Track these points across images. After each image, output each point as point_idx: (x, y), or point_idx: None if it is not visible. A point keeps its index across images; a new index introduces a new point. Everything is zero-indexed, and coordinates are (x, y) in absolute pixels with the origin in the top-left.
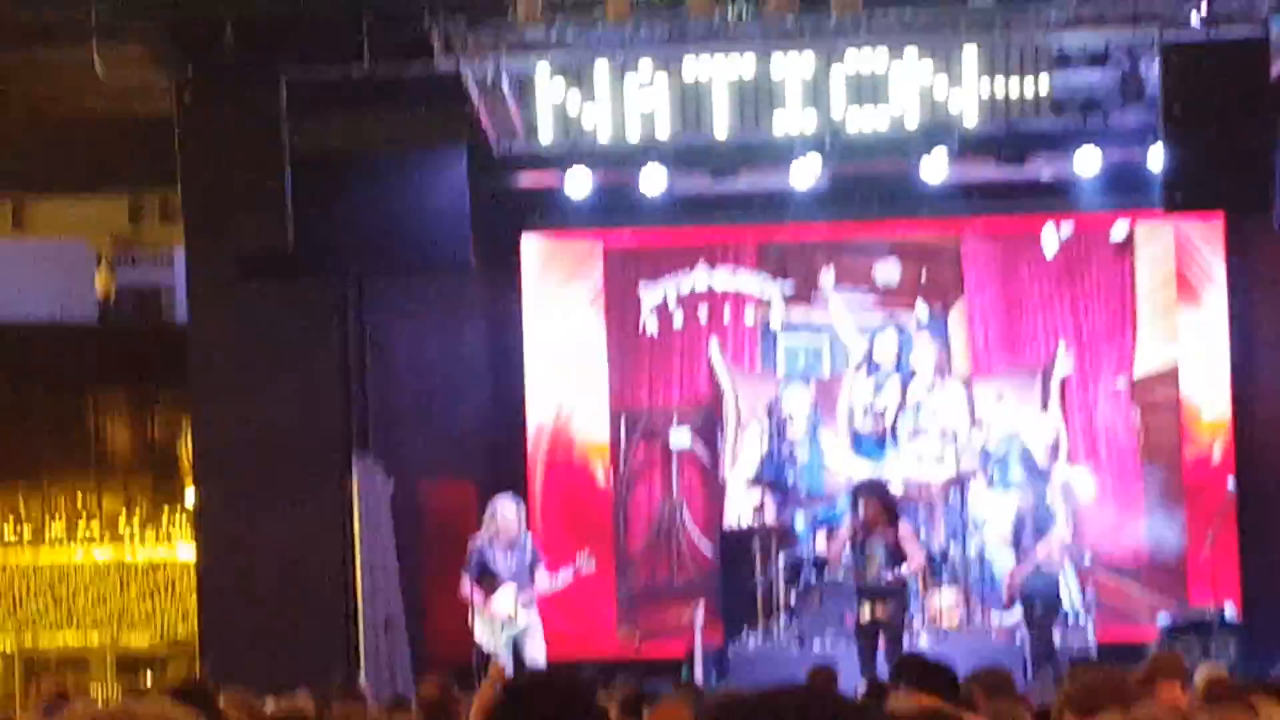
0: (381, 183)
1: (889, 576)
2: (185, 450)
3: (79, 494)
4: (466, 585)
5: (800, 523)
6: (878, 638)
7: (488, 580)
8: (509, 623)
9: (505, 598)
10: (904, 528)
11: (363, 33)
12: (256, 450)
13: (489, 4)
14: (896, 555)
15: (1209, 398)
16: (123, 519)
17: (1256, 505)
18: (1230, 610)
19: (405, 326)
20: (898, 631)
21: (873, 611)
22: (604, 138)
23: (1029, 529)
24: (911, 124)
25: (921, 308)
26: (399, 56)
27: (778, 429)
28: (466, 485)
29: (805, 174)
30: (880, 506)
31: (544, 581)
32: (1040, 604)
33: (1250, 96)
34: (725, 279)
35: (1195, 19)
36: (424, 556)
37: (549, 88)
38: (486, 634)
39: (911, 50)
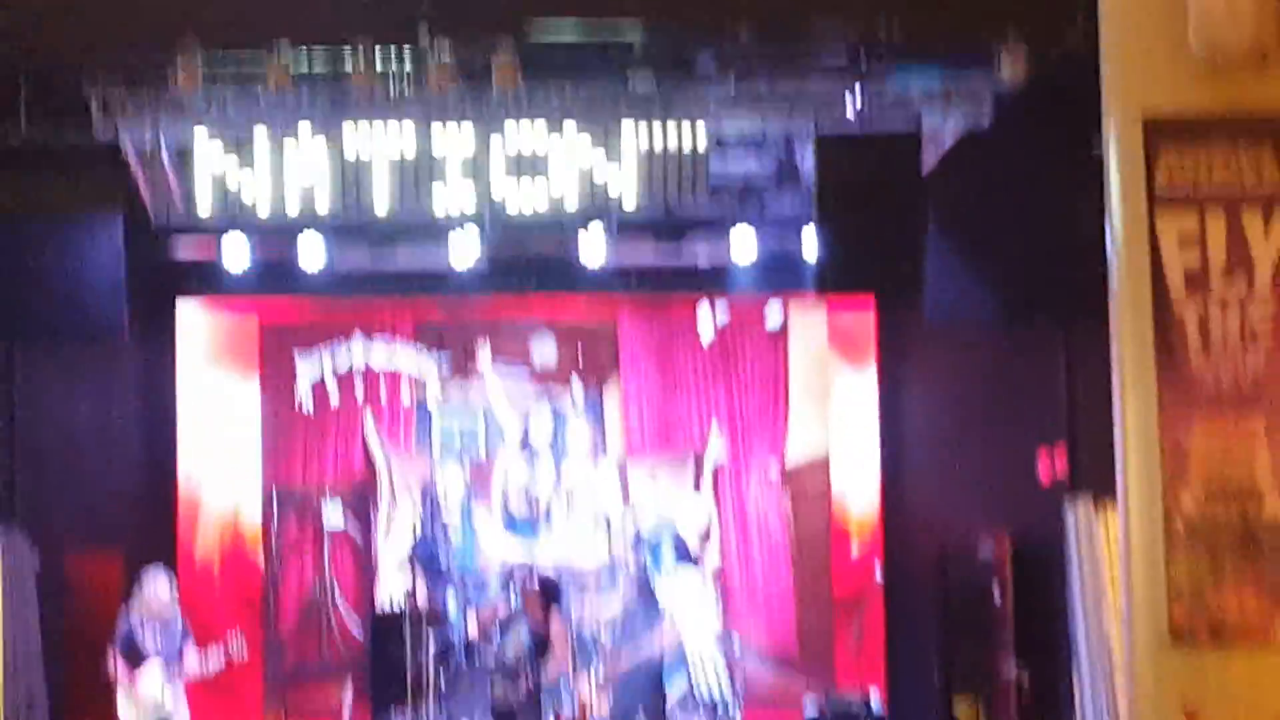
0: (34, 247)
1: (530, 658)
2: None
3: None
4: (113, 663)
5: (452, 604)
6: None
7: (135, 657)
8: (156, 706)
9: (153, 676)
10: (557, 624)
11: (19, 95)
12: None
13: (148, 71)
14: (542, 646)
15: (858, 485)
16: None
17: (902, 594)
18: (875, 698)
19: (55, 393)
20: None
21: (505, 693)
22: (263, 209)
23: (630, 627)
24: (571, 203)
25: (577, 388)
26: (56, 120)
27: (431, 508)
28: (115, 558)
29: (464, 250)
30: (540, 596)
31: (193, 661)
32: (645, 699)
33: (902, 187)
34: (382, 355)
35: (850, 112)
36: (69, 632)
37: (207, 156)
38: (131, 713)
39: (571, 127)
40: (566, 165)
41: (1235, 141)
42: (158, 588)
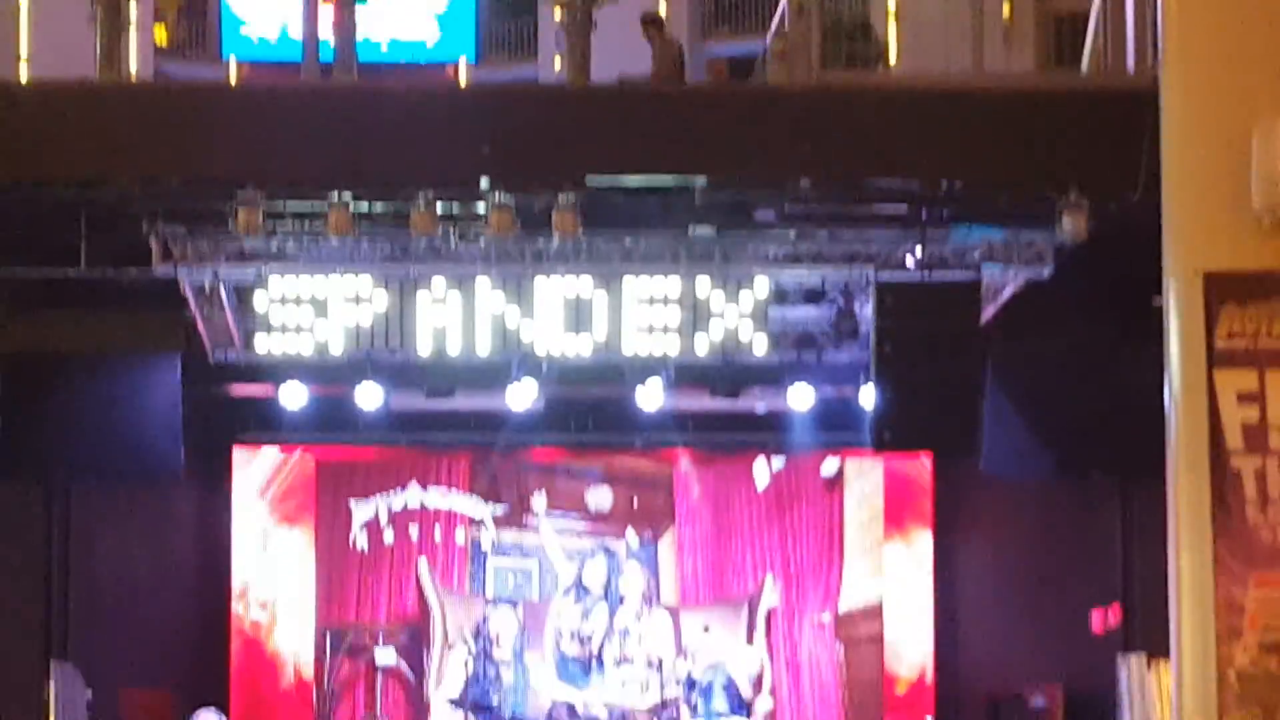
0: (93, 386)
1: None
2: None
3: None
4: None
5: None
6: None
7: None
8: None
9: None
10: None
11: (80, 233)
12: None
13: (209, 212)
14: None
15: (911, 635)
16: None
17: None
18: None
19: (111, 531)
20: None
21: None
22: (321, 351)
23: None
24: (629, 351)
25: (632, 535)
26: (116, 260)
27: (484, 650)
28: (167, 695)
29: (521, 396)
30: None
31: None
32: None
33: (960, 338)
34: (437, 498)
35: (910, 261)
36: None
37: (266, 298)
38: None
39: (630, 275)
40: (624, 313)
41: None
42: None
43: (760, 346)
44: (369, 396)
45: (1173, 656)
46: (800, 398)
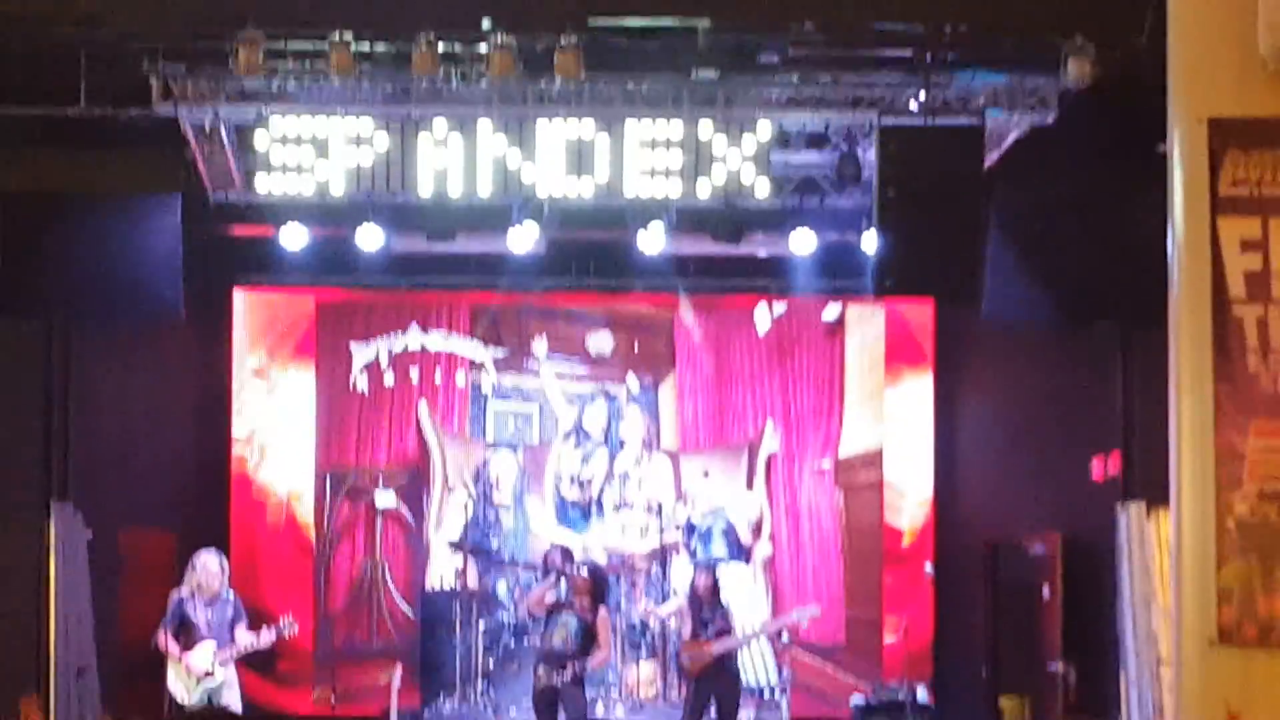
0: (92, 226)
1: (576, 646)
2: None
3: None
4: (163, 638)
5: (502, 589)
6: (557, 706)
7: (186, 635)
8: (205, 677)
9: (204, 653)
10: (603, 613)
11: (79, 73)
12: None
13: (210, 51)
14: (588, 635)
15: (911, 482)
16: None
17: (951, 589)
18: (923, 692)
19: (111, 373)
20: (580, 703)
21: (549, 678)
22: (322, 192)
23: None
24: (630, 195)
25: (632, 379)
26: (116, 99)
27: (484, 494)
28: (167, 537)
29: (522, 239)
30: (591, 582)
31: (245, 639)
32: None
33: (964, 184)
34: (438, 341)
35: (914, 106)
36: (121, 607)
37: (267, 139)
38: (181, 687)
39: (632, 118)
40: (627, 156)
41: None
42: (210, 567)
43: (762, 191)
44: (370, 238)
45: (1172, 504)
46: (802, 243)
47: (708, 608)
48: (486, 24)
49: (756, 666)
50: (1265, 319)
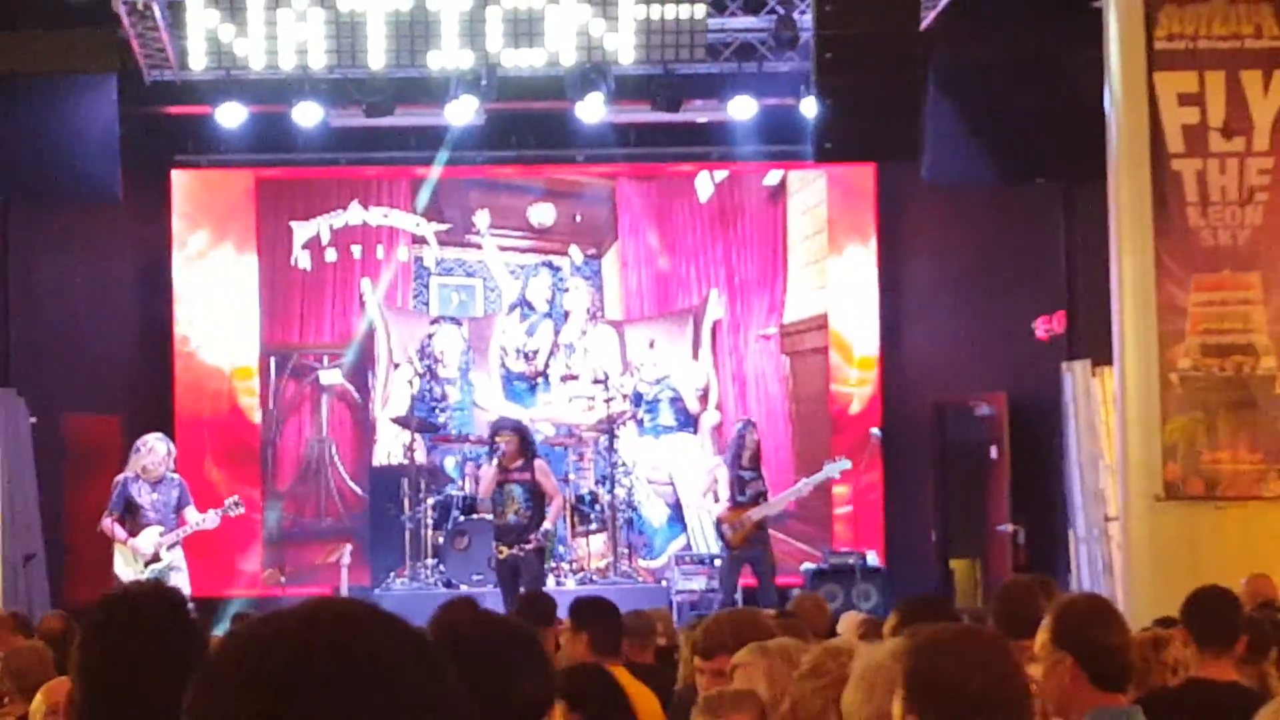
0: (26, 107)
1: (529, 514)
2: None
3: None
4: (109, 522)
5: (450, 464)
6: (517, 577)
7: (133, 518)
8: (153, 561)
9: (149, 537)
10: (539, 464)
11: None
12: None
13: None
14: (535, 494)
15: (856, 346)
16: None
17: (900, 453)
18: (873, 557)
19: (50, 257)
20: (537, 571)
21: (505, 550)
22: (257, 68)
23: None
24: (568, 63)
25: (575, 250)
26: None
27: (429, 369)
28: (112, 420)
29: (461, 111)
30: (518, 443)
31: (192, 519)
32: None
33: (901, 45)
34: (379, 216)
35: None
36: (66, 492)
37: (201, 15)
38: (130, 571)
39: None
40: (563, 25)
41: None
42: (155, 449)
43: (701, 56)
44: (307, 115)
45: (1115, 361)
46: (741, 109)
47: (749, 469)
48: None
49: (707, 537)
50: (1204, 172)
